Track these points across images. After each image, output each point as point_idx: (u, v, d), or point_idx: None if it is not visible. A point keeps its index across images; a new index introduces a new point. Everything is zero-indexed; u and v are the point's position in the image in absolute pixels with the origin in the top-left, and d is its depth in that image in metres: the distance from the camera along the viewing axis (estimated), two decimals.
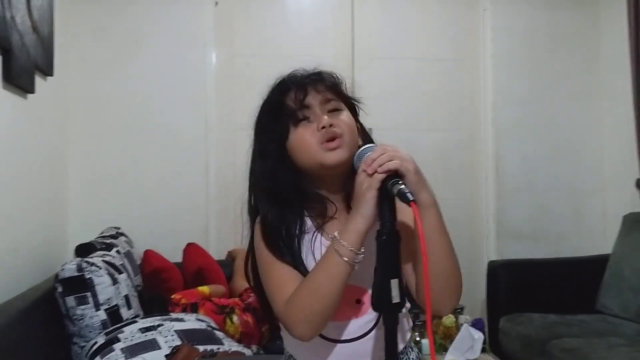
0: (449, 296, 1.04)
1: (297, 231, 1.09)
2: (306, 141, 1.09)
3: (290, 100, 1.11)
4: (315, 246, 1.10)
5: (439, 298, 1.01)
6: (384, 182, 0.98)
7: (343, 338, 1.09)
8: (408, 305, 1.12)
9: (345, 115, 1.13)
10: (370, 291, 1.03)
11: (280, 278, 1.06)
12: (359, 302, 1.10)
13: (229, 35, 3.51)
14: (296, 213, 1.11)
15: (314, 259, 1.08)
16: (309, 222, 1.12)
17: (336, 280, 1.00)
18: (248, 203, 1.17)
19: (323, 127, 1.08)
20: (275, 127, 1.12)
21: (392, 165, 0.97)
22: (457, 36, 3.75)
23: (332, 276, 1.00)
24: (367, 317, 1.10)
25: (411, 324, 1.20)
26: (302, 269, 1.07)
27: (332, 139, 1.08)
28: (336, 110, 1.12)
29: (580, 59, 3.78)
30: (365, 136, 1.18)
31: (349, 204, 1.11)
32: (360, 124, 1.19)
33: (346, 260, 0.99)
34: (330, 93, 1.13)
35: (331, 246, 1.01)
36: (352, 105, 1.18)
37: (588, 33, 3.79)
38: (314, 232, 1.11)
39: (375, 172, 0.98)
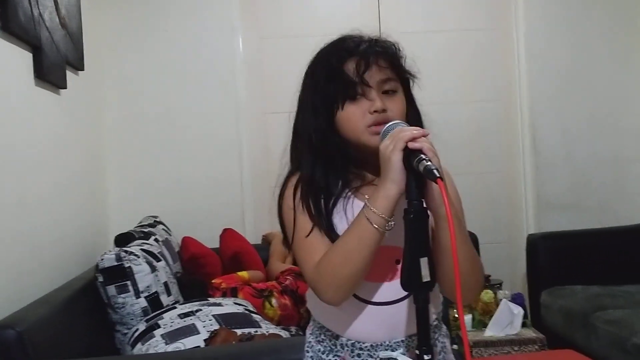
0: (469, 289, 1.05)
1: (336, 193, 1.09)
2: (355, 121, 1.08)
3: (351, 71, 1.08)
4: (347, 207, 1.09)
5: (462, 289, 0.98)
6: (409, 159, 0.97)
7: (377, 300, 1.08)
8: None
9: (399, 98, 1.11)
10: None
11: (312, 241, 1.06)
12: (398, 262, 1.06)
13: (255, 19, 3.51)
14: (339, 175, 1.11)
15: (347, 221, 1.07)
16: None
17: (366, 246, 1.00)
18: (292, 149, 1.17)
19: (375, 111, 1.07)
20: (330, 91, 1.10)
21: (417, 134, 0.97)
22: (487, 4, 3.65)
23: (363, 242, 1.00)
24: None
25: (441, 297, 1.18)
26: (332, 234, 1.06)
27: (380, 123, 1.07)
28: (392, 91, 1.10)
29: (619, 20, 3.62)
30: (416, 113, 1.17)
31: None
32: (412, 98, 1.17)
33: (376, 228, 0.98)
34: (390, 71, 1.10)
35: (362, 212, 1.00)
36: (406, 79, 1.15)
37: None
38: (347, 193, 1.10)
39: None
